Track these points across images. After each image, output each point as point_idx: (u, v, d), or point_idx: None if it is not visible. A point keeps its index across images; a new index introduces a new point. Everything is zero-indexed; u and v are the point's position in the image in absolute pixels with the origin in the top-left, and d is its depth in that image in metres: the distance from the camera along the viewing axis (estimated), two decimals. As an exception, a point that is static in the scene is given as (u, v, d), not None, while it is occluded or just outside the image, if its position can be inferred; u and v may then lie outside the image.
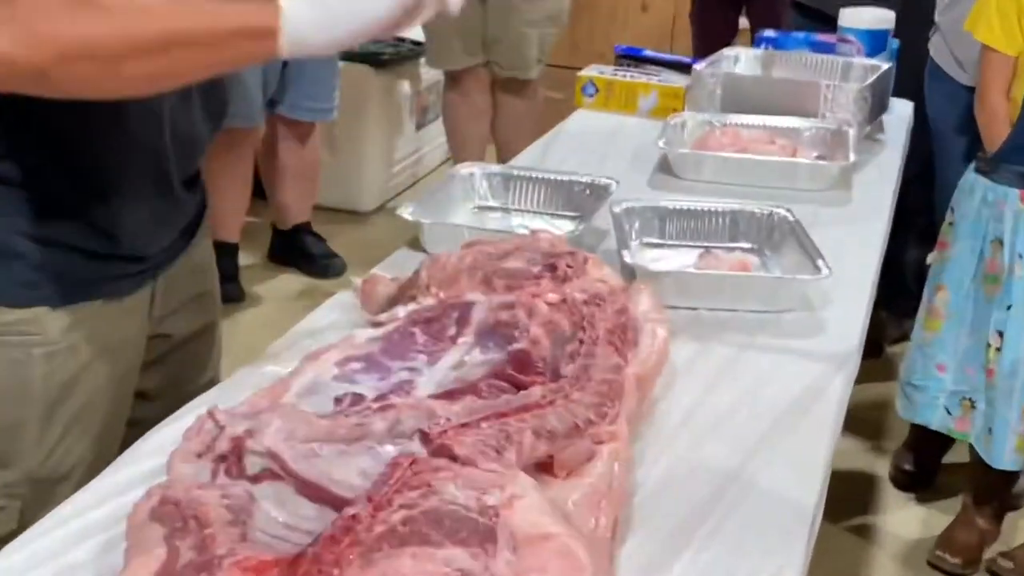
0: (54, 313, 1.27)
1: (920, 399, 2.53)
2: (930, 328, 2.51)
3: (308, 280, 3.89)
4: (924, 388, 2.52)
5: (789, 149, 2.15)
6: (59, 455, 1.30)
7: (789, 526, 1.07)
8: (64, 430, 1.31)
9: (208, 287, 1.55)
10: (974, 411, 2.47)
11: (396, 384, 1.17)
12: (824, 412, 1.29)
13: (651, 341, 1.27)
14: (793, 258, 1.65)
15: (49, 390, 1.29)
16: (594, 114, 2.57)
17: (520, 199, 1.92)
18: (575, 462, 1.05)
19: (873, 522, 2.73)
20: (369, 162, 4.43)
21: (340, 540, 0.81)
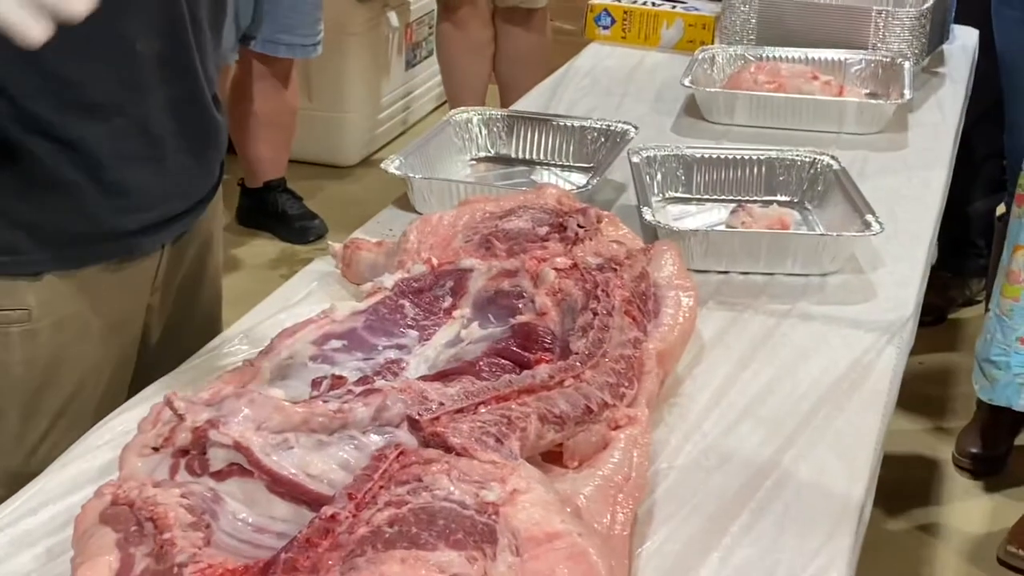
0: (35, 283, 1.27)
1: (1000, 377, 2.53)
2: (1009, 295, 2.50)
3: (283, 245, 3.89)
4: (1004, 365, 2.52)
5: (835, 86, 2.14)
6: (45, 451, 1.30)
7: (834, 521, 1.07)
8: (50, 423, 1.32)
9: (214, 262, 1.57)
10: (1062, 390, 2.47)
11: (382, 364, 1.17)
12: (874, 390, 1.29)
13: (675, 311, 1.27)
14: (839, 213, 1.65)
15: (31, 375, 1.29)
16: (609, 48, 2.56)
17: (525, 148, 1.92)
18: (588, 450, 1.05)
19: (935, 513, 2.74)
20: (351, 108, 4.42)
21: (317, 543, 0.82)
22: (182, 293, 1.49)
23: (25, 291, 1.27)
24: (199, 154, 1.40)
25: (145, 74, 1.29)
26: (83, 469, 1.12)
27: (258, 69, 3.67)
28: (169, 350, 1.44)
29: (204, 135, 1.41)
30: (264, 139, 3.82)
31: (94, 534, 0.89)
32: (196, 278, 1.52)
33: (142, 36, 1.28)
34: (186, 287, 1.49)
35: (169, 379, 1.26)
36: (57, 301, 1.29)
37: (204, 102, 1.39)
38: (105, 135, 1.27)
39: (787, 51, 2.30)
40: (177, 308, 1.48)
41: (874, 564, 2.43)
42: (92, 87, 1.25)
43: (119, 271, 1.34)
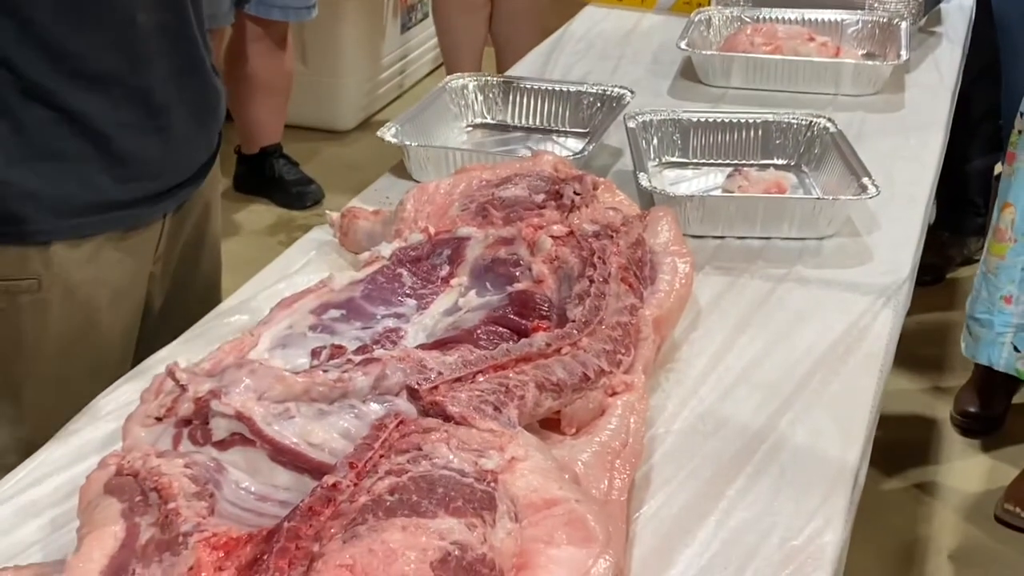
0: (44, 252, 1.29)
1: (984, 335, 2.55)
2: (996, 253, 2.51)
3: (280, 211, 3.89)
4: (988, 323, 2.53)
5: (831, 47, 2.15)
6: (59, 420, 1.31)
7: (829, 484, 1.09)
8: (62, 391, 1.33)
9: (213, 230, 1.59)
10: (1046, 348, 2.49)
11: (381, 333, 1.19)
12: (870, 353, 1.30)
13: (671, 277, 1.29)
14: (836, 175, 1.66)
15: (42, 345, 1.31)
16: (605, 10, 2.56)
17: (521, 115, 1.93)
18: (585, 417, 1.07)
19: (933, 472, 2.76)
20: (347, 72, 4.41)
21: (319, 512, 0.83)
22: (183, 262, 1.50)
23: (34, 260, 1.29)
24: (200, 123, 1.42)
25: (146, 45, 1.30)
26: (87, 440, 1.14)
27: (253, 32, 3.66)
28: (171, 318, 1.46)
29: (205, 104, 1.43)
30: (260, 103, 3.81)
31: (99, 504, 0.91)
32: (196, 246, 1.53)
33: (142, 7, 1.29)
34: (186, 256, 1.51)
35: (170, 349, 1.27)
36: (65, 270, 1.30)
37: (205, 71, 1.41)
38: (107, 105, 1.28)
39: (783, 12, 2.30)
40: (178, 276, 1.50)
41: (873, 523, 2.46)
42: (93, 58, 1.26)
43: (124, 240, 1.36)
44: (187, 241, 1.50)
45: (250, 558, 0.81)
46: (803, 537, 1.02)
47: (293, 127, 4.12)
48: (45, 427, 1.30)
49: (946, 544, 2.53)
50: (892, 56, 2.16)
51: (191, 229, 1.50)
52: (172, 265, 1.48)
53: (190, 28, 1.37)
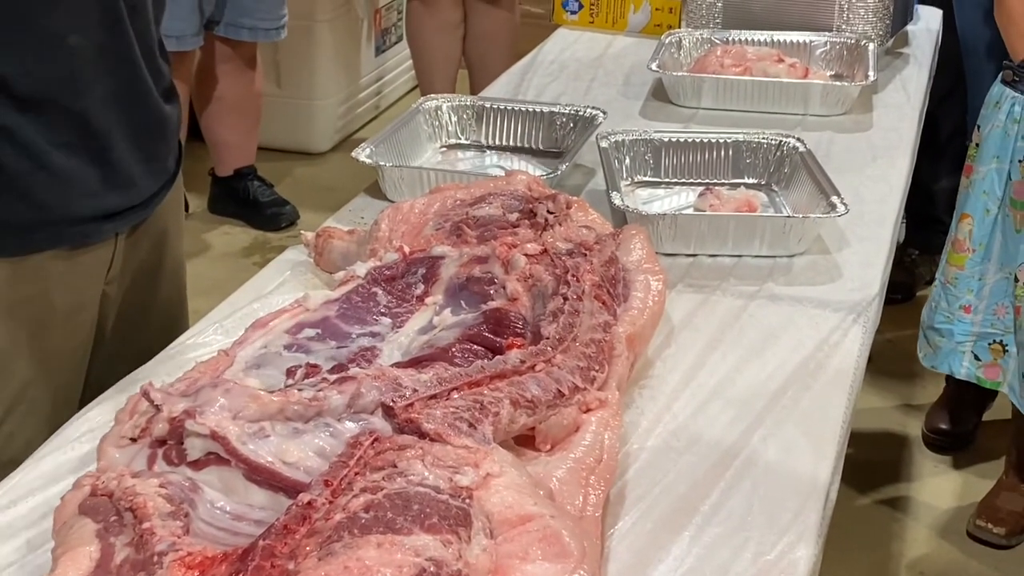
0: None
1: (944, 345, 2.56)
2: (954, 263, 2.53)
3: (255, 232, 3.89)
4: (948, 332, 2.54)
5: (800, 68, 2.16)
6: (1, 440, 1.31)
7: (801, 499, 1.09)
8: (6, 410, 1.31)
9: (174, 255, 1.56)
10: (1006, 355, 2.50)
11: (356, 352, 1.19)
12: (840, 369, 1.31)
13: (644, 295, 1.29)
14: (805, 194, 1.67)
15: None
16: (577, 33, 2.57)
17: (494, 135, 1.93)
18: (559, 434, 1.07)
19: (905, 488, 2.78)
20: (321, 94, 4.41)
21: (295, 530, 0.83)
22: (140, 285, 1.48)
23: None
24: (146, 147, 1.39)
25: (81, 67, 1.27)
26: (61, 461, 1.13)
27: (222, 53, 3.67)
28: (127, 343, 1.44)
29: (149, 128, 1.39)
30: (230, 125, 3.81)
31: (74, 525, 0.90)
32: (153, 271, 1.50)
33: (76, 30, 1.26)
34: (143, 280, 1.48)
35: (144, 370, 1.27)
36: (7, 288, 1.28)
37: (148, 96, 1.37)
38: (41, 125, 1.25)
39: (753, 34, 2.32)
40: (134, 301, 1.47)
41: (846, 540, 2.47)
42: (21, 80, 1.23)
43: (71, 258, 1.33)
44: (144, 265, 1.48)
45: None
46: (776, 552, 1.03)
47: (267, 149, 4.12)
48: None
49: (919, 560, 2.54)
50: (860, 77, 2.18)
51: (147, 253, 1.48)
52: (127, 288, 1.46)
53: (131, 51, 1.33)
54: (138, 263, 1.46)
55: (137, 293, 1.47)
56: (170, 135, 1.44)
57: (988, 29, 2.86)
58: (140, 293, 1.48)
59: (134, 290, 1.47)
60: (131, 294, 1.46)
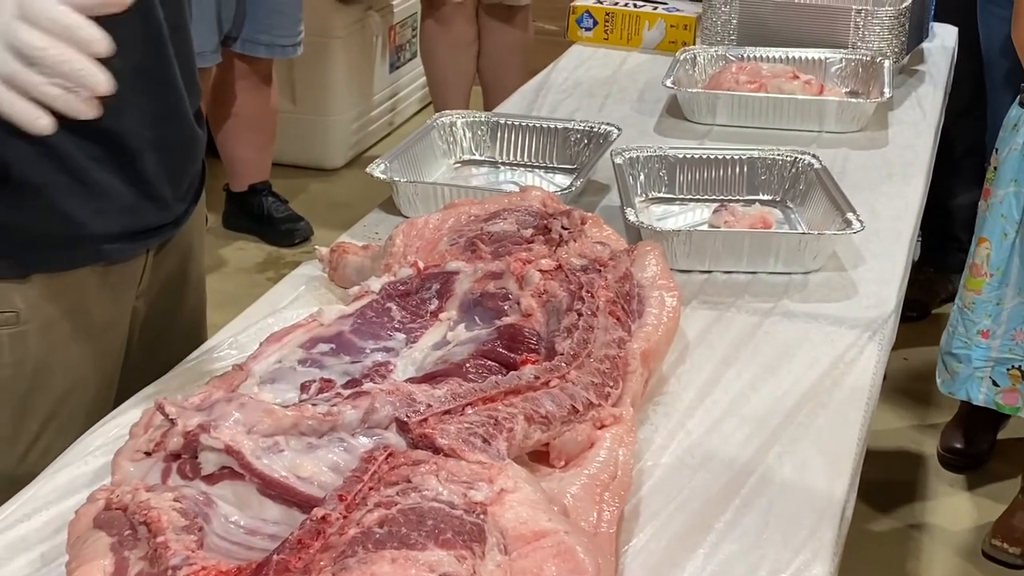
0: (23, 285, 1.27)
1: (962, 371, 2.55)
2: (971, 288, 2.52)
3: (269, 248, 3.90)
4: (966, 358, 2.53)
5: (815, 85, 2.17)
6: (36, 454, 1.31)
7: (817, 517, 1.09)
8: (41, 426, 1.32)
9: (197, 270, 1.57)
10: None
11: (370, 367, 1.19)
12: (856, 387, 1.31)
13: (659, 311, 1.29)
14: (821, 211, 1.67)
15: (21, 378, 1.30)
16: (592, 50, 2.58)
17: (508, 151, 1.94)
18: (574, 450, 1.07)
19: (920, 507, 2.76)
20: (336, 111, 4.43)
21: (309, 545, 0.83)
22: (165, 300, 1.49)
23: (13, 293, 1.28)
24: (178, 166, 1.40)
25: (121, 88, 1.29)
26: (76, 474, 1.13)
27: (239, 70, 3.69)
28: (153, 356, 1.45)
29: (182, 146, 1.41)
30: (246, 141, 3.83)
31: (88, 538, 0.91)
32: (178, 286, 1.52)
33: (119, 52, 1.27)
34: (168, 295, 1.50)
35: (159, 384, 1.27)
36: (45, 303, 1.29)
37: (182, 116, 1.39)
38: (80, 142, 1.26)
39: (768, 51, 2.32)
40: (160, 315, 1.49)
41: (861, 559, 2.46)
42: None
43: (106, 274, 1.35)
44: (170, 279, 1.49)
45: (239, 591, 0.81)
46: (791, 570, 1.02)
47: (282, 165, 4.13)
48: (24, 461, 1.29)
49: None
50: (875, 94, 2.17)
51: (174, 268, 1.50)
52: (155, 302, 1.47)
53: (169, 72, 1.35)
54: (165, 278, 1.47)
55: (163, 308, 1.49)
56: (200, 152, 1.45)
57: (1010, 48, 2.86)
58: (166, 308, 1.49)
59: (160, 305, 1.48)
60: (157, 309, 1.48)
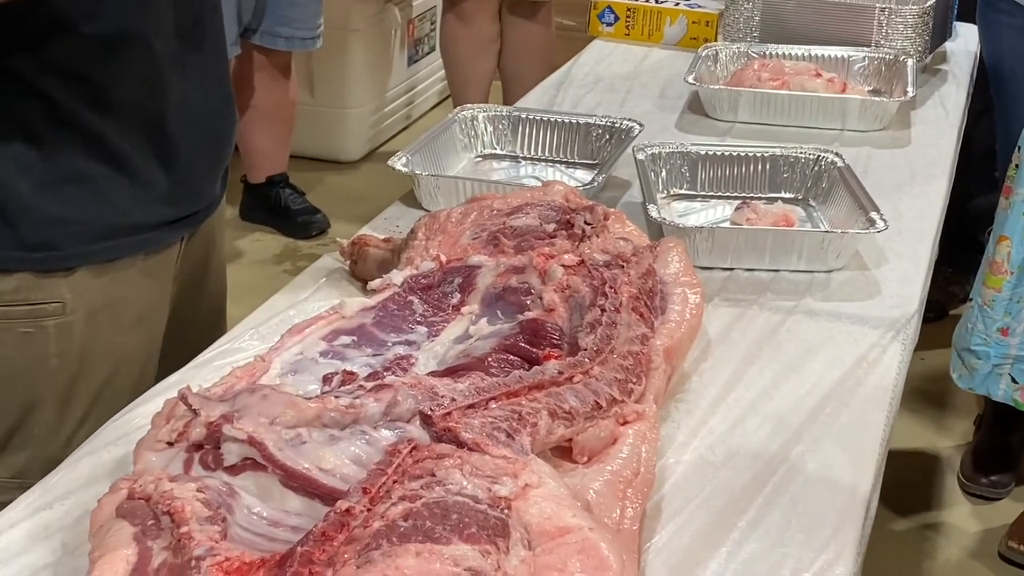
0: (69, 277, 1.30)
1: (981, 367, 2.54)
2: (991, 286, 2.51)
3: (286, 240, 3.90)
4: (985, 355, 2.53)
5: (838, 83, 2.15)
6: (80, 440, 1.31)
7: (840, 516, 1.08)
8: (85, 412, 1.34)
9: (219, 257, 1.59)
10: (1044, 379, 2.48)
11: (392, 360, 1.19)
12: (879, 386, 1.30)
13: (682, 307, 1.28)
14: (843, 209, 1.66)
15: (66, 367, 1.32)
16: (613, 45, 2.57)
17: (530, 146, 1.93)
18: (597, 446, 1.07)
19: (937, 508, 2.75)
20: (354, 103, 4.42)
21: (333, 537, 0.83)
22: (190, 288, 1.51)
23: (59, 285, 1.30)
24: (211, 151, 1.42)
25: (163, 73, 1.31)
26: (97, 464, 1.13)
27: (258, 62, 3.69)
28: (178, 343, 1.46)
29: (218, 132, 1.43)
30: (264, 132, 3.83)
31: (111, 528, 0.90)
32: (202, 273, 1.54)
33: (161, 35, 1.30)
34: (194, 282, 1.51)
35: (180, 374, 1.27)
36: (90, 293, 1.31)
37: (219, 99, 1.42)
38: (126, 130, 1.29)
39: (790, 48, 2.31)
40: (186, 303, 1.50)
41: (876, 558, 2.44)
42: (114, 85, 1.27)
43: (146, 262, 1.37)
44: (196, 265, 1.51)
45: (263, 582, 0.81)
46: (814, 569, 1.02)
47: (299, 157, 4.13)
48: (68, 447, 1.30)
49: (950, 581, 2.52)
50: (898, 93, 2.16)
51: (199, 254, 1.51)
52: (183, 290, 1.49)
53: (206, 56, 1.37)
54: (193, 265, 1.49)
55: (189, 295, 1.50)
56: (232, 137, 1.48)
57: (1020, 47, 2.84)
58: (191, 295, 1.51)
59: (185, 293, 1.50)
60: (185, 296, 1.49)
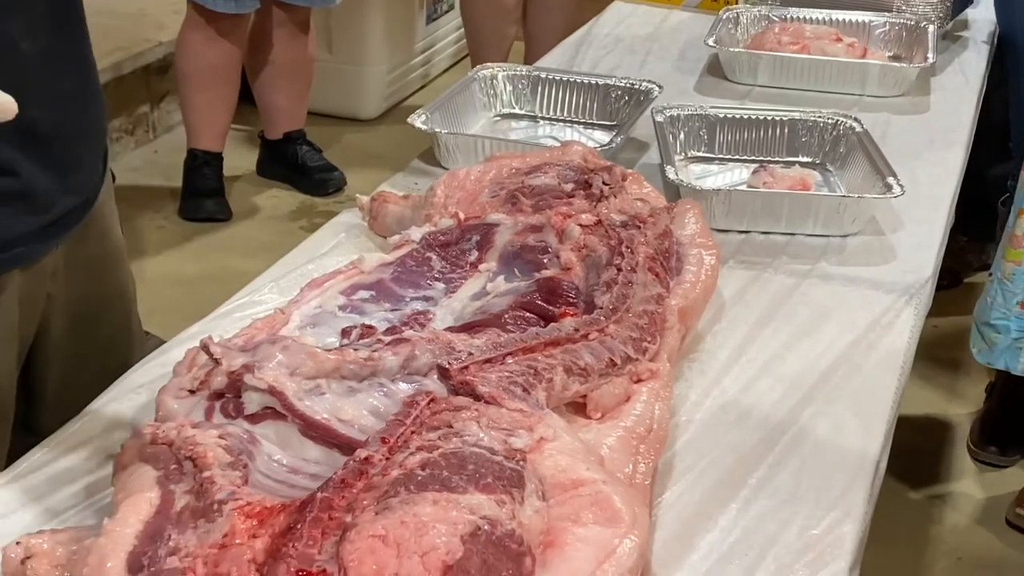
0: None
1: (1000, 341, 2.55)
2: (1011, 259, 2.51)
3: (302, 197, 3.91)
4: (1004, 329, 2.53)
5: (858, 48, 2.15)
6: None
7: (849, 476, 1.10)
8: None
9: (114, 239, 1.49)
10: (1064, 353, 2.49)
11: (409, 315, 1.20)
12: (892, 350, 1.31)
13: (697, 268, 1.30)
14: (860, 174, 1.67)
15: None
16: (634, 7, 2.57)
17: (549, 106, 1.94)
18: (611, 402, 1.08)
19: (945, 475, 2.76)
20: (372, 61, 4.42)
21: (352, 484, 0.85)
22: (87, 273, 1.41)
23: None
24: (88, 146, 1.34)
25: (31, 73, 1.21)
26: (119, 410, 1.15)
27: (277, 17, 3.68)
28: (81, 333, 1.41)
29: (92, 124, 1.35)
30: (282, 88, 3.83)
31: (135, 471, 0.92)
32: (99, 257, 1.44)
33: (26, 34, 1.20)
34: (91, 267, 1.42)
35: (200, 325, 1.29)
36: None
37: (91, 91, 1.33)
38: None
39: (811, 12, 2.31)
40: (83, 289, 1.41)
41: (883, 522, 2.46)
42: None
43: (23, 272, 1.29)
44: (89, 255, 1.41)
45: (284, 527, 0.83)
46: (822, 527, 1.03)
47: (316, 114, 4.13)
48: None
49: (957, 547, 2.54)
50: (918, 59, 2.16)
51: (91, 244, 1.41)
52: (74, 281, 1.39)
53: (81, 51, 1.29)
54: (85, 256, 1.40)
55: (84, 285, 1.41)
56: (104, 122, 1.39)
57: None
58: (88, 281, 1.42)
59: (81, 282, 1.40)
60: (78, 286, 1.40)
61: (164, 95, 4.21)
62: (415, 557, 0.79)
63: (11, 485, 1.05)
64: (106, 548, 0.84)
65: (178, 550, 0.83)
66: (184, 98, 3.63)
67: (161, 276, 3.30)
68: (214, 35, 3.44)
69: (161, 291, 3.16)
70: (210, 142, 3.62)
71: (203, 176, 3.66)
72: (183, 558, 0.82)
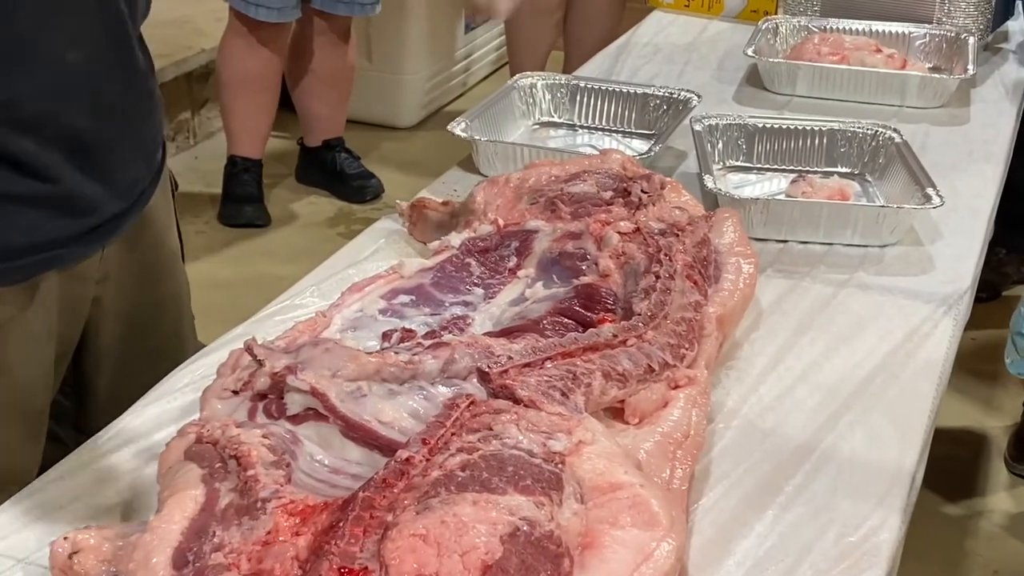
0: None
1: None
2: None
3: (340, 204, 3.94)
4: None
5: (898, 59, 2.15)
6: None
7: (886, 485, 1.10)
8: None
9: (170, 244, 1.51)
10: (1101, 367, 2.47)
11: (449, 320, 1.22)
12: (930, 360, 1.31)
13: (735, 277, 1.30)
14: (899, 185, 1.67)
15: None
16: (673, 16, 2.57)
17: (587, 115, 1.95)
18: (648, 408, 1.09)
19: (982, 487, 2.75)
20: (411, 70, 4.45)
21: (393, 484, 0.86)
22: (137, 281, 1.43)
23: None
24: (136, 152, 1.35)
25: (76, 82, 1.23)
26: (164, 410, 1.17)
27: (318, 26, 3.72)
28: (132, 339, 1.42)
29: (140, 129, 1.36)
30: (322, 97, 3.86)
31: (180, 470, 0.94)
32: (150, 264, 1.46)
33: (72, 44, 1.22)
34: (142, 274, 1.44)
35: (244, 327, 1.31)
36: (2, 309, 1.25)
37: (139, 96, 1.34)
38: (42, 146, 1.21)
39: (851, 23, 2.30)
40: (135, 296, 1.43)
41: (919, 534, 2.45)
42: (25, 102, 1.19)
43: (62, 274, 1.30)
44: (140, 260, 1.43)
45: (326, 525, 0.84)
46: (859, 534, 1.04)
47: (355, 122, 4.16)
48: None
49: (992, 560, 2.52)
50: (958, 70, 2.16)
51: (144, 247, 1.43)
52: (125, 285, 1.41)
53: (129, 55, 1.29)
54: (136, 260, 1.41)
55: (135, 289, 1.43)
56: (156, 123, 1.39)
57: None
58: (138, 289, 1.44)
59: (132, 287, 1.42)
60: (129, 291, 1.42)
61: (205, 102, 4.25)
62: (455, 556, 0.80)
63: (59, 482, 1.07)
64: (152, 544, 0.86)
65: (222, 546, 0.84)
66: (224, 105, 3.67)
67: (200, 281, 3.31)
68: (255, 43, 3.47)
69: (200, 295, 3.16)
70: (250, 149, 3.66)
71: (242, 182, 3.70)
72: (227, 554, 0.83)
